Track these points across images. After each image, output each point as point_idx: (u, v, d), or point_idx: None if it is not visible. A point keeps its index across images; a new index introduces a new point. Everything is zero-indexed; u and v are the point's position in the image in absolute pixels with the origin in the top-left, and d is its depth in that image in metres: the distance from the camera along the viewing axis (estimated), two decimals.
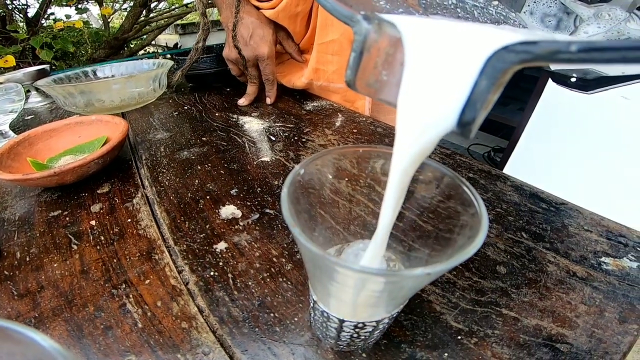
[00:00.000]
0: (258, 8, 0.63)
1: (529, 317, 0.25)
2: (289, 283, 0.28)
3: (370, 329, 0.21)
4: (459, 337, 0.24)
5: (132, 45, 2.11)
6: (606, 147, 0.98)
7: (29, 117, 0.75)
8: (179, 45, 2.28)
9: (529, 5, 0.28)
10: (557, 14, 0.27)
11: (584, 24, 0.24)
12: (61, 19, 1.93)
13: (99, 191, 0.42)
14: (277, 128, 0.56)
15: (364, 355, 0.23)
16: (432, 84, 0.12)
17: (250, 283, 0.29)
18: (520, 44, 0.10)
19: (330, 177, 0.21)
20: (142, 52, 2.12)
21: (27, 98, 0.86)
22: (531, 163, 1.18)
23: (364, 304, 0.17)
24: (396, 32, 0.13)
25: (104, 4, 2.01)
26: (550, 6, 0.27)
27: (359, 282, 0.14)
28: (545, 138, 1.12)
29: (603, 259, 0.29)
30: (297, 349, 0.24)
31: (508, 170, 1.21)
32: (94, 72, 0.76)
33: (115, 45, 1.88)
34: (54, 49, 1.67)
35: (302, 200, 0.19)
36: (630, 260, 0.29)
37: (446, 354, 0.23)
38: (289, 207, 0.14)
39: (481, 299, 0.26)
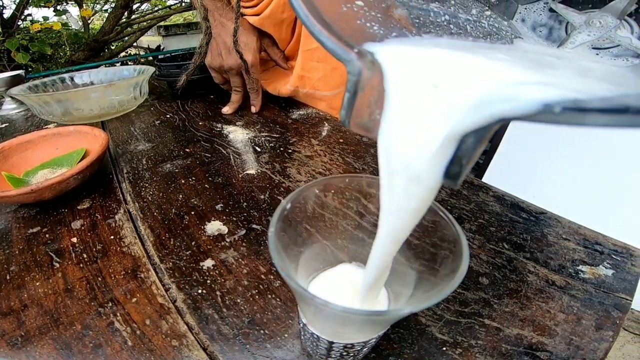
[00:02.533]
0: (242, 14, 0.62)
1: (511, 326, 0.26)
2: (278, 300, 0.28)
3: (359, 348, 0.21)
4: (444, 349, 0.24)
5: (113, 47, 2.06)
6: (584, 148, 1.02)
7: (4, 126, 0.73)
8: (162, 47, 2.24)
9: (520, 13, 0.28)
10: (548, 22, 0.27)
11: (576, 31, 0.25)
12: (38, 21, 1.87)
13: (79, 207, 0.41)
14: (263, 138, 0.56)
15: None
16: (418, 139, 0.12)
17: (239, 300, 0.28)
18: (505, 102, 0.10)
19: (316, 206, 0.21)
20: (123, 54, 2.08)
21: (1, 105, 0.83)
22: (512, 166, 1.21)
23: (351, 331, 0.17)
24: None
25: (84, 5, 1.96)
26: (541, 14, 0.28)
27: (345, 319, 0.14)
28: (524, 141, 1.15)
29: (580, 267, 0.30)
30: None
31: (490, 173, 1.24)
32: (72, 79, 0.74)
33: (95, 48, 1.84)
34: (30, 52, 1.62)
35: (290, 226, 0.19)
36: (605, 268, 0.30)
37: None
38: (277, 247, 0.14)
39: (465, 310, 0.27)
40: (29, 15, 1.91)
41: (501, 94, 0.10)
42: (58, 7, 1.92)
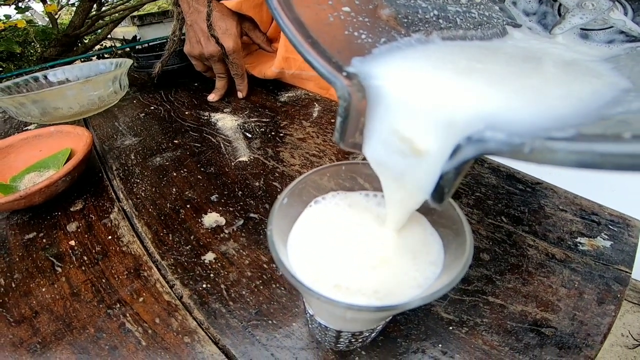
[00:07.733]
0: None
1: (514, 303, 0.26)
2: (282, 289, 0.28)
3: (367, 334, 0.21)
4: (451, 328, 0.25)
5: (86, 41, 1.97)
6: None
7: None
8: (138, 38, 2.16)
9: None
10: (540, 9, 0.27)
11: (569, 14, 0.24)
12: (1, 20, 1.78)
13: (72, 209, 0.40)
14: (252, 124, 0.55)
15: (363, 352, 0.24)
16: (406, 171, 0.14)
17: (244, 292, 0.28)
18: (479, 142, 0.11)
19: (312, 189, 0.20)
20: (98, 47, 1.99)
21: None
22: None
23: (359, 322, 0.17)
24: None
25: (47, 1, 1.85)
26: (529, 1, 0.27)
27: (352, 314, 0.14)
28: None
29: (579, 239, 0.31)
30: (299, 353, 0.24)
31: None
32: (45, 77, 0.70)
33: (67, 43, 1.75)
34: None
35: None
36: (603, 239, 0.30)
37: (440, 345, 0.24)
38: (278, 249, 0.14)
39: (468, 288, 0.27)
40: None
41: (476, 134, 0.11)
42: (20, 5, 1.81)
